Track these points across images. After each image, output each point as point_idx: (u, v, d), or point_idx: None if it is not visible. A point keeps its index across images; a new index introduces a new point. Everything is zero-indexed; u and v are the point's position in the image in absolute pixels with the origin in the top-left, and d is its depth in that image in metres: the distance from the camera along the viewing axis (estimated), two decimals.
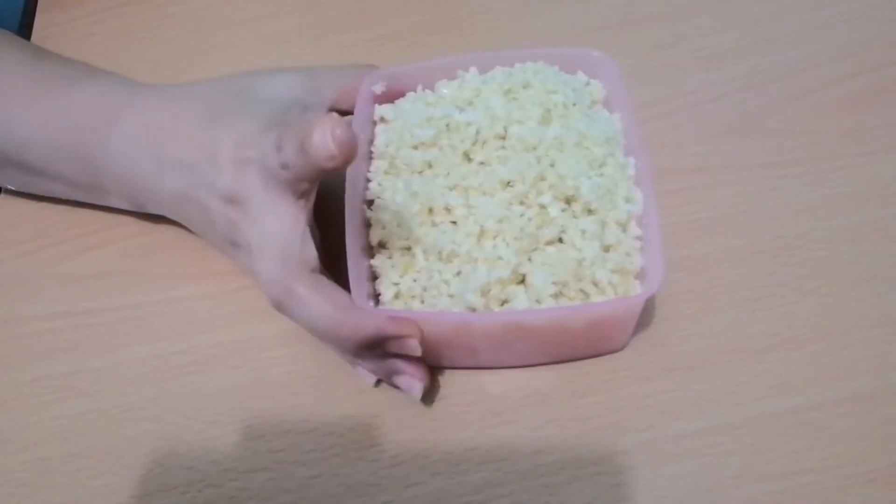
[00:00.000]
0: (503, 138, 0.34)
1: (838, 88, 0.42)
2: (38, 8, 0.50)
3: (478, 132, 0.34)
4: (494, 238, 0.32)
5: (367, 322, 0.30)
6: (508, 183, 0.33)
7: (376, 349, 0.32)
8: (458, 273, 0.32)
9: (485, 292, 0.31)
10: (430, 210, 0.33)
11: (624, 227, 0.33)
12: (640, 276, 0.32)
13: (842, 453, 0.31)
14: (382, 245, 0.34)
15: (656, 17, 0.46)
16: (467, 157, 0.35)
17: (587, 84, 0.38)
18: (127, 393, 0.35)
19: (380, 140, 0.37)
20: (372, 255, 0.34)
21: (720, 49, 0.44)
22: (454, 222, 0.33)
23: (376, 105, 0.38)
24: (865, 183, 0.38)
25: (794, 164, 0.39)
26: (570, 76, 0.38)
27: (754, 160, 0.40)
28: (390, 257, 0.33)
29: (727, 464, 0.31)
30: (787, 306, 0.35)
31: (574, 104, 0.36)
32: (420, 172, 0.35)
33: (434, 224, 0.33)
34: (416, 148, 0.35)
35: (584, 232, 0.32)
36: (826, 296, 0.35)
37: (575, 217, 0.32)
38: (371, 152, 0.37)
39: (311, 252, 0.31)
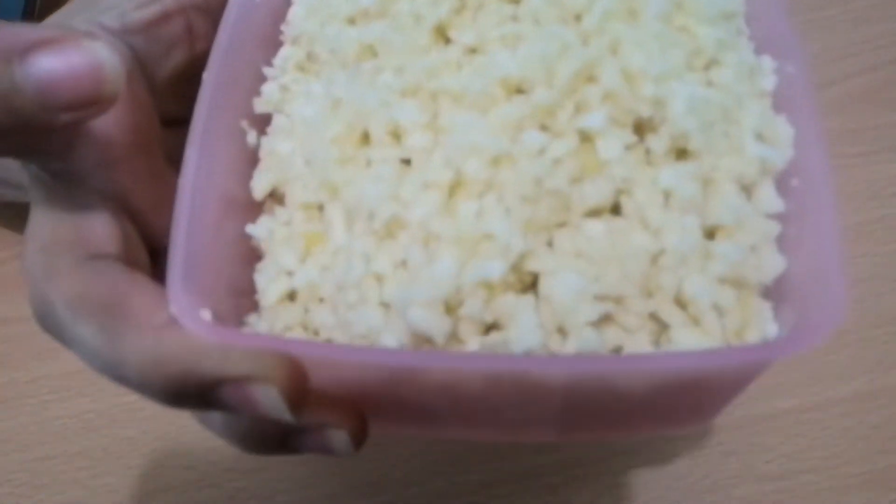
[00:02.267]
0: (515, 2, 0.19)
1: (838, 88, 0.42)
2: (37, 8, 0.50)
3: None
4: (481, 197, 0.17)
5: (177, 353, 0.16)
6: (518, 86, 0.18)
7: (210, 402, 0.17)
8: (404, 262, 0.17)
9: (452, 306, 0.16)
10: (365, 135, 0.19)
11: (749, 192, 0.18)
12: (776, 294, 0.17)
13: (842, 453, 0.31)
14: (276, 200, 0.20)
15: None
16: (441, 33, 0.20)
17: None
18: (127, 393, 0.35)
19: (295, 13, 0.22)
20: (252, 218, 0.19)
21: None
22: (407, 161, 0.18)
23: None
24: (865, 183, 0.38)
25: None
26: None
27: None
28: (287, 223, 0.19)
29: (726, 463, 0.31)
30: None
31: None
32: (355, 66, 0.20)
33: (369, 163, 0.18)
34: (351, 22, 0.21)
35: (667, 194, 0.17)
36: None
37: (651, 164, 0.17)
38: (281, 34, 0.22)
39: (89, 227, 0.19)
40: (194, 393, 0.17)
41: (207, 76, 0.19)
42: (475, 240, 0.16)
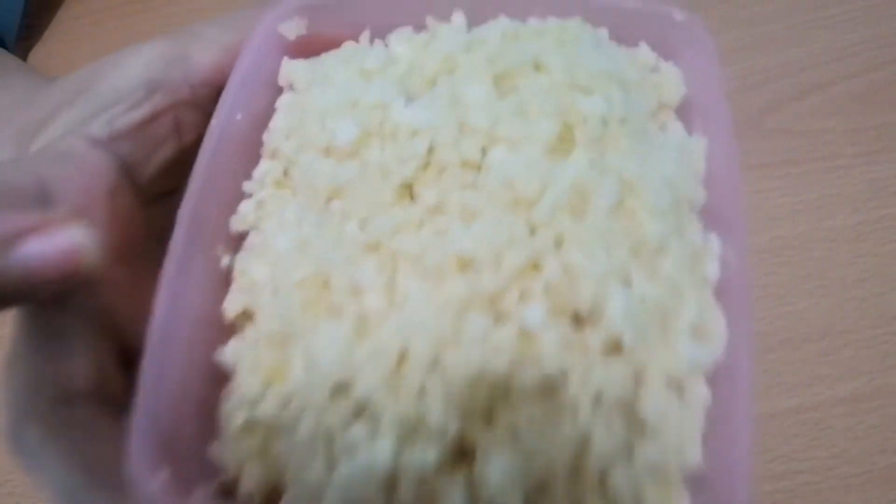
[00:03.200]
0: (477, 168, 0.20)
1: (838, 88, 0.42)
2: (38, 8, 0.50)
3: (431, 149, 0.20)
4: (430, 371, 0.17)
5: None
6: (470, 263, 0.18)
7: None
8: (355, 418, 0.17)
9: (386, 484, 0.17)
10: (325, 283, 0.19)
11: (680, 388, 0.18)
12: (696, 482, 0.17)
13: (841, 453, 0.31)
14: (248, 317, 0.20)
15: None
16: (407, 190, 0.20)
17: (654, 70, 0.22)
18: None
19: (277, 124, 0.22)
20: (221, 340, 0.20)
21: (719, 49, 0.44)
22: (364, 319, 0.18)
23: (285, 59, 0.23)
24: (865, 183, 0.38)
25: (793, 164, 0.39)
26: (625, 51, 0.22)
27: (754, 160, 0.39)
28: (254, 346, 0.19)
29: None
30: (787, 306, 0.35)
31: (623, 119, 0.20)
32: (326, 203, 0.20)
33: (331, 310, 0.18)
34: (327, 153, 0.21)
35: (597, 394, 0.17)
36: (826, 296, 0.35)
37: (587, 354, 0.18)
38: (262, 144, 0.22)
39: (66, 363, 0.19)
40: None
41: (186, 200, 0.19)
42: (415, 420, 0.17)
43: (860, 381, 0.33)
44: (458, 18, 0.23)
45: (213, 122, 0.21)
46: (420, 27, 0.23)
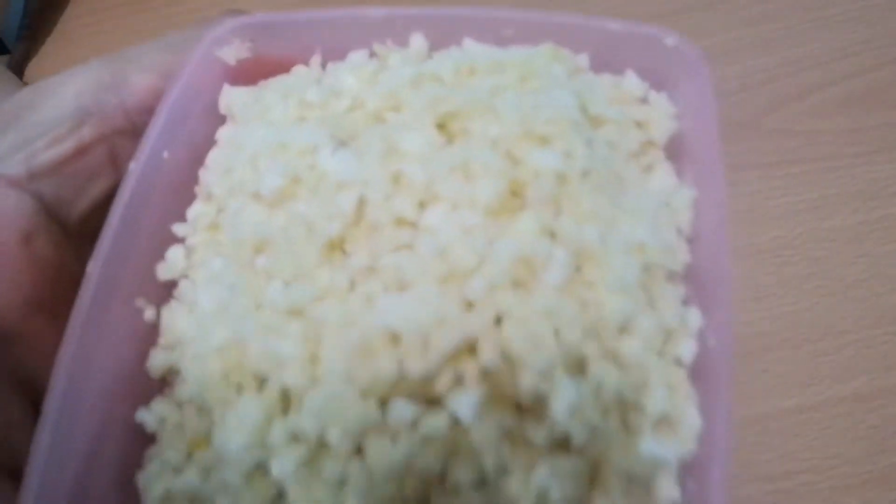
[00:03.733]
0: (413, 226, 0.17)
1: (838, 88, 0.42)
2: (37, 8, 0.50)
3: (362, 202, 0.17)
4: (348, 459, 0.16)
5: None
6: (399, 339, 0.16)
7: None
8: (276, 501, 0.16)
9: None
10: (244, 352, 0.17)
11: (647, 489, 0.16)
12: None
13: (841, 453, 0.31)
14: (174, 374, 0.18)
15: (655, 17, 0.46)
16: (339, 246, 0.18)
17: (642, 101, 0.20)
18: None
19: (214, 159, 0.20)
20: (145, 399, 0.18)
21: (719, 49, 0.44)
22: (285, 395, 0.17)
23: (226, 86, 0.21)
24: (864, 183, 0.38)
25: (793, 164, 0.39)
26: (607, 80, 0.20)
27: (753, 160, 0.39)
28: (178, 407, 0.18)
29: None
30: (787, 306, 0.35)
31: (585, 172, 0.17)
32: (253, 255, 0.18)
33: (249, 383, 0.17)
34: (257, 198, 0.18)
35: (542, 493, 0.15)
36: (826, 296, 0.35)
37: (530, 448, 0.16)
38: (196, 180, 0.20)
39: None
40: None
41: (96, 252, 0.17)
42: None
43: (860, 381, 0.33)
44: (418, 41, 0.20)
45: (133, 163, 0.19)
46: (374, 52, 0.21)
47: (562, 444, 0.16)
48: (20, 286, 0.17)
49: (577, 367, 0.16)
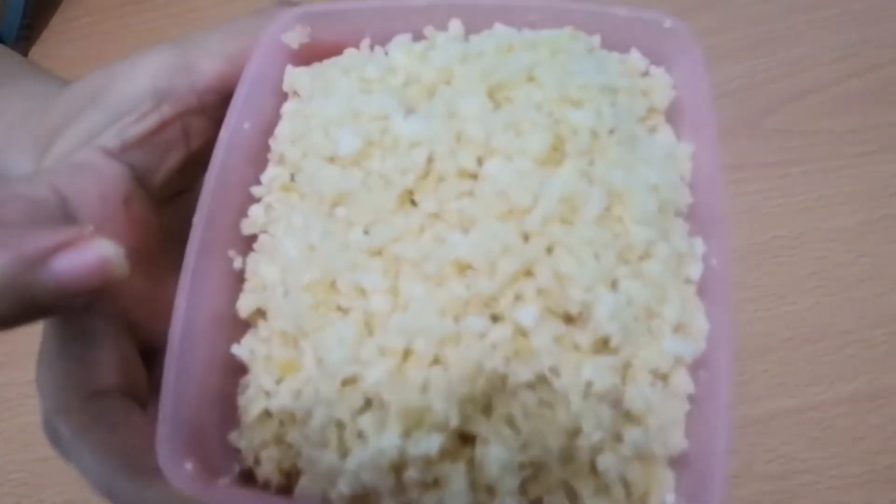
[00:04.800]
0: (474, 177, 0.21)
1: (838, 88, 0.42)
2: (38, 8, 0.50)
3: (430, 159, 0.21)
4: (430, 366, 0.19)
5: (154, 496, 0.19)
6: (467, 268, 0.20)
7: None
8: (364, 409, 0.19)
9: (397, 466, 0.18)
10: (332, 285, 0.20)
11: (665, 380, 0.20)
12: (680, 462, 0.19)
13: (842, 453, 0.31)
14: (261, 315, 0.22)
15: None
16: (409, 197, 0.21)
17: (644, 74, 0.23)
18: None
19: (282, 130, 0.23)
20: (236, 335, 0.21)
21: (719, 49, 0.44)
22: (370, 319, 0.20)
23: (289, 66, 0.24)
24: (865, 183, 0.38)
25: (794, 164, 0.39)
26: (616, 57, 0.23)
27: (754, 160, 0.39)
28: (266, 341, 0.21)
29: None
30: (787, 306, 0.35)
31: (612, 129, 0.21)
32: (331, 208, 0.21)
33: (339, 309, 0.20)
34: (331, 160, 0.22)
35: (587, 385, 0.19)
36: (826, 296, 0.35)
37: (577, 350, 0.19)
38: (269, 150, 0.23)
39: (94, 362, 0.21)
40: None
41: (199, 207, 0.21)
42: (419, 412, 0.19)
43: (860, 381, 0.33)
44: (455, 26, 0.24)
45: (222, 132, 0.22)
46: (418, 35, 0.24)
47: (602, 346, 0.19)
48: (124, 243, 0.19)
49: (612, 284, 0.19)
